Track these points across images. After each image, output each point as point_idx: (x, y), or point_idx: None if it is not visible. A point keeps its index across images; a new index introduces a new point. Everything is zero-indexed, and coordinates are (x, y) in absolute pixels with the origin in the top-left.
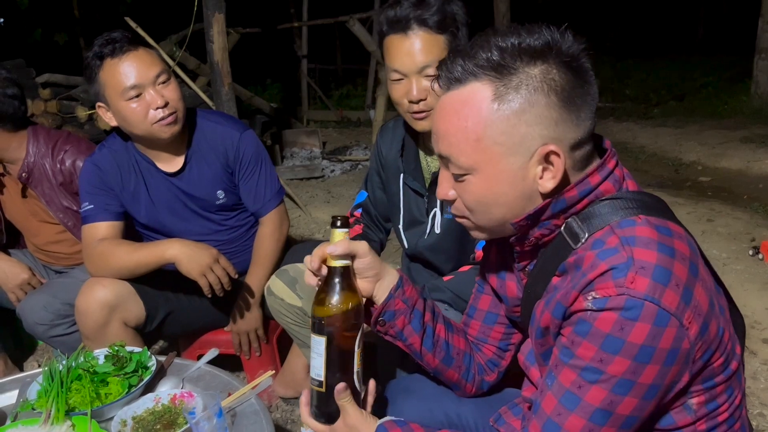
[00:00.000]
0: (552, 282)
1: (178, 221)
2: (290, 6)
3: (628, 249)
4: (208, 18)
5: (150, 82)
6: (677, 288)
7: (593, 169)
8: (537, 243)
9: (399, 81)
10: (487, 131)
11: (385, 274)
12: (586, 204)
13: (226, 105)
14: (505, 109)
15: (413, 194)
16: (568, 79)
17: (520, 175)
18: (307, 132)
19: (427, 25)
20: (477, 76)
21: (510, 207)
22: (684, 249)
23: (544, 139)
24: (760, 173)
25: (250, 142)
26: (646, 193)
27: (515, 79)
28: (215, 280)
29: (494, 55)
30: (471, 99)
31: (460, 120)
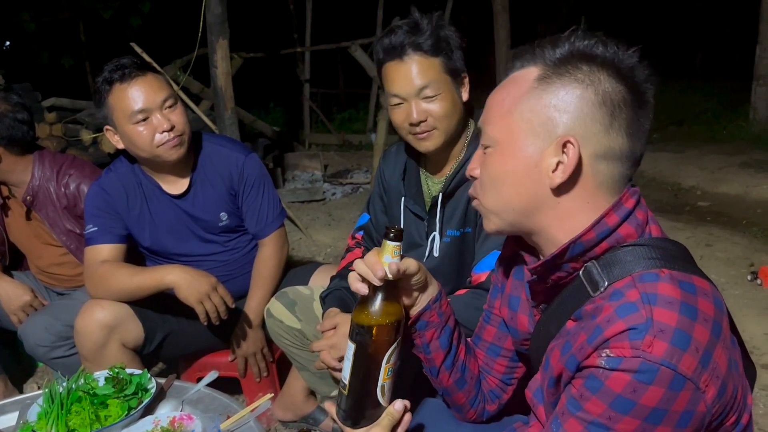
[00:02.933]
0: (567, 326)
1: (181, 243)
2: (293, 31)
3: (648, 308)
4: (212, 44)
5: (157, 107)
6: (696, 352)
7: (609, 209)
8: (555, 284)
9: (399, 105)
10: (519, 105)
11: (429, 285)
12: (606, 248)
13: (229, 129)
14: (542, 89)
15: (414, 217)
16: (616, 87)
17: (534, 159)
18: (308, 155)
19: (422, 49)
20: (536, 63)
21: (517, 190)
22: (708, 308)
23: (567, 129)
24: (758, 198)
25: (254, 165)
26: (670, 241)
27: (563, 69)
28: (212, 308)
29: (559, 51)
30: (520, 77)
31: (502, 93)
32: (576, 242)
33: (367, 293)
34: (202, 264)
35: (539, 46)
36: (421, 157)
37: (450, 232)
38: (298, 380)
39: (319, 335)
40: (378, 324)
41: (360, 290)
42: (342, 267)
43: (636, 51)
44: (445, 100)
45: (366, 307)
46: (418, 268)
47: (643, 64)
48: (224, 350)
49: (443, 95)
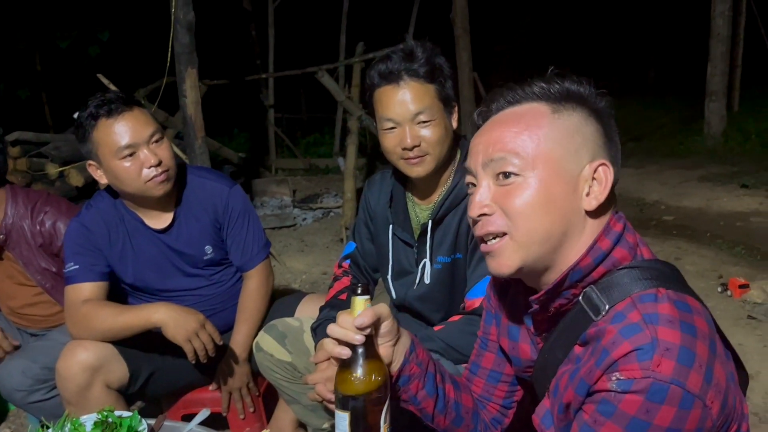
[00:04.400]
0: (575, 351)
1: (165, 278)
2: (255, 58)
3: (652, 328)
4: (181, 73)
5: (144, 142)
6: (700, 369)
7: (600, 234)
8: (556, 312)
9: (392, 130)
10: (549, 134)
11: (401, 335)
12: (603, 273)
13: (200, 158)
14: (563, 120)
15: (402, 245)
16: (603, 123)
17: (573, 184)
18: (276, 181)
19: (418, 75)
20: (533, 99)
21: (555, 217)
22: (703, 326)
23: (595, 155)
24: (719, 211)
25: (238, 197)
26: (661, 262)
27: (569, 104)
28: (200, 346)
29: (555, 86)
30: (530, 111)
31: (519, 125)
32: (575, 269)
33: (349, 355)
34: (187, 299)
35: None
36: (408, 184)
37: (440, 259)
38: (286, 413)
39: (310, 367)
40: (369, 387)
41: (342, 354)
42: (331, 296)
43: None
44: (438, 127)
45: (351, 372)
46: (390, 313)
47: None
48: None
49: (437, 121)
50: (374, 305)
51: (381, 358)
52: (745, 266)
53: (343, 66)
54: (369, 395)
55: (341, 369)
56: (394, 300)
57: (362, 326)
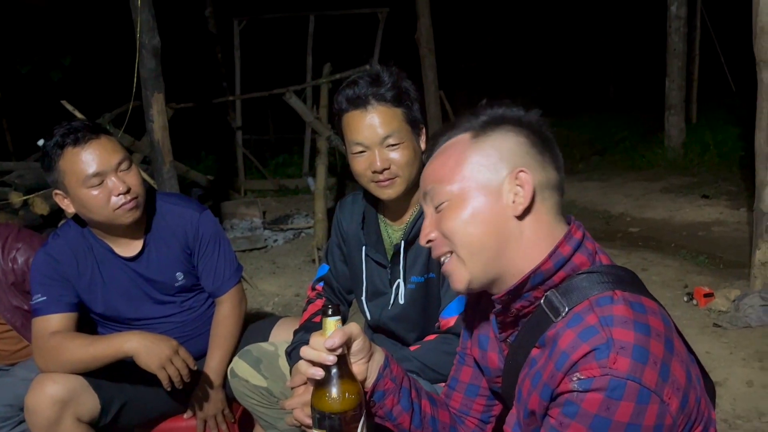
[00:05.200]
0: (532, 354)
1: (135, 307)
2: (222, 80)
3: (608, 330)
4: (147, 98)
5: (112, 169)
6: (655, 366)
7: (561, 240)
8: (518, 314)
9: (361, 154)
10: (466, 158)
11: (374, 353)
12: (563, 277)
13: (168, 182)
14: (481, 140)
15: (376, 266)
16: (533, 135)
17: (494, 196)
18: (246, 203)
19: (385, 99)
20: (460, 131)
21: (486, 229)
22: (658, 325)
23: (514, 164)
24: (682, 222)
25: (208, 222)
26: (618, 267)
27: (492, 127)
28: (175, 372)
29: (480, 119)
30: (454, 143)
31: (443, 158)
32: (536, 272)
33: (323, 376)
34: (158, 327)
35: (459, 121)
36: (380, 205)
37: (414, 279)
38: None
39: (287, 392)
40: (344, 405)
41: (315, 375)
42: (305, 319)
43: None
44: (407, 149)
45: (326, 391)
46: (361, 331)
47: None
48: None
49: (405, 144)
50: (346, 325)
51: (354, 376)
52: (708, 275)
53: (311, 87)
54: (344, 413)
55: (316, 389)
56: (369, 321)
57: (333, 347)
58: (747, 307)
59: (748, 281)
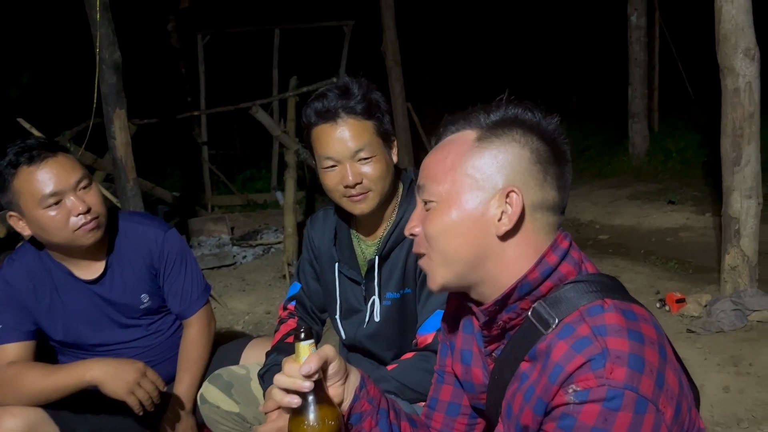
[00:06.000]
0: (521, 368)
1: (98, 332)
2: (187, 95)
3: (602, 339)
4: (109, 114)
5: (71, 189)
6: (651, 374)
7: (548, 249)
8: (505, 326)
9: (332, 168)
10: (462, 162)
11: (350, 373)
12: (550, 287)
13: (132, 200)
14: (483, 147)
15: (350, 283)
16: (544, 147)
17: (480, 210)
18: (213, 219)
19: (355, 112)
20: (472, 127)
21: (465, 241)
22: (651, 332)
23: (509, 181)
24: (650, 228)
25: (174, 241)
26: (604, 275)
27: (499, 131)
28: (145, 396)
29: (491, 117)
30: (458, 139)
31: (443, 152)
32: (523, 282)
33: (300, 403)
34: (124, 352)
35: (473, 112)
36: (352, 220)
37: (390, 295)
38: None
39: (260, 417)
40: (325, 429)
41: (291, 403)
42: (277, 340)
43: (556, 117)
44: (380, 162)
45: (303, 419)
46: (337, 354)
47: (561, 128)
48: None
49: (377, 157)
50: (320, 347)
51: (332, 400)
52: (679, 281)
53: (277, 100)
54: None
55: (293, 417)
56: (344, 340)
57: (309, 373)
58: (719, 311)
59: (718, 286)
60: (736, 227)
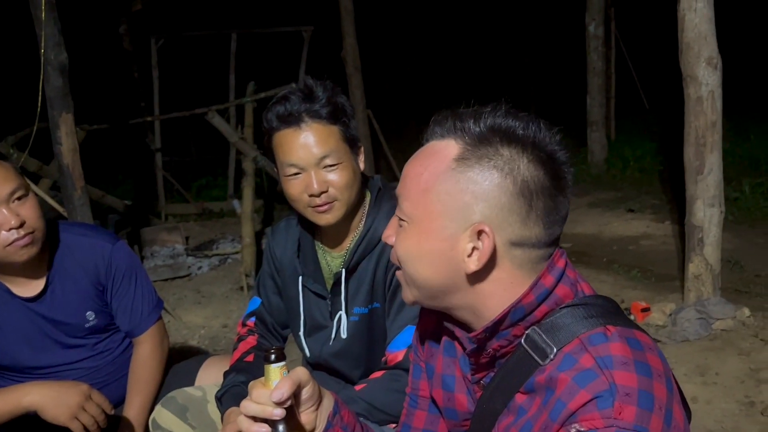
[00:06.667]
0: (516, 400)
1: (38, 353)
2: (139, 100)
3: (608, 373)
4: (54, 118)
5: (3, 201)
6: (660, 411)
7: (544, 270)
8: (495, 354)
9: (296, 176)
10: (436, 186)
11: (323, 397)
12: (545, 312)
13: (80, 210)
14: (460, 171)
15: (314, 297)
16: (535, 174)
17: (449, 243)
18: (167, 228)
19: (320, 116)
20: (455, 136)
21: (434, 270)
22: (657, 364)
23: (483, 216)
24: (611, 236)
25: (123, 255)
26: (602, 297)
27: (483, 149)
28: (90, 420)
29: (480, 126)
30: (439, 151)
31: (421, 166)
32: (516, 306)
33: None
34: (68, 374)
35: (459, 117)
36: (316, 231)
37: (357, 310)
38: None
39: None
40: None
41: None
42: (236, 359)
43: (556, 133)
44: (346, 170)
45: None
46: (310, 377)
47: (563, 148)
48: None
49: (344, 164)
50: (292, 371)
51: (304, 428)
52: (643, 289)
53: (234, 106)
54: None
55: None
56: (308, 358)
57: (281, 400)
58: (684, 320)
59: (680, 294)
60: (699, 236)
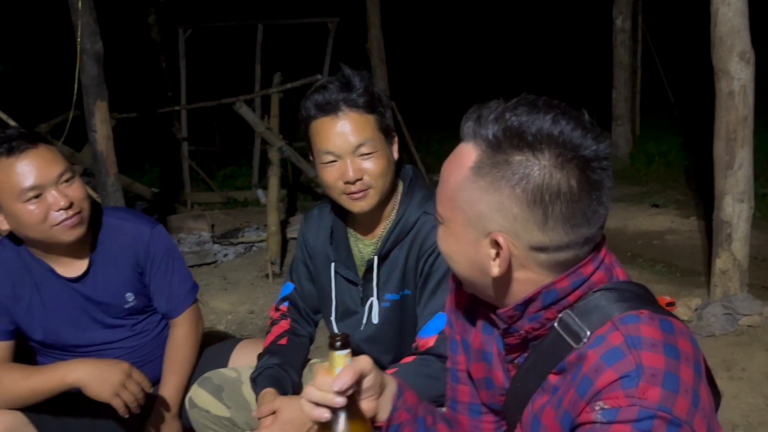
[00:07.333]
0: (550, 380)
1: (80, 332)
2: (167, 90)
3: (636, 353)
4: (89, 106)
5: (52, 182)
6: (686, 394)
7: (587, 260)
8: (526, 336)
9: (332, 163)
10: (457, 194)
11: (386, 386)
12: (579, 296)
13: (113, 196)
14: (475, 180)
15: (346, 283)
16: (550, 180)
17: (474, 247)
18: (193, 216)
19: (357, 105)
20: (475, 139)
21: (465, 269)
22: (687, 347)
23: (499, 226)
24: (636, 230)
25: (161, 239)
26: (634, 283)
27: (497, 158)
28: (130, 397)
29: (493, 130)
30: (462, 156)
31: (447, 172)
32: (549, 289)
33: (329, 418)
34: (107, 353)
35: (478, 120)
36: (349, 218)
37: (389, 296)
38: None
39: (252, 422)
40: None
41: (320, 417)
42: (269, 342)
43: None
44: (381, 158)
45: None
46: (373, 366)
47: (593, 139)
48: None
49: (379, 153)
50: (356, 359)
51: (364, 415)
52: (668, 284)
53: (260, 97)
54: None
55: (321, 430)
56: None
57: (343, 389)
58: (710, 315)
59: (705, 289)
60: (727, 231)
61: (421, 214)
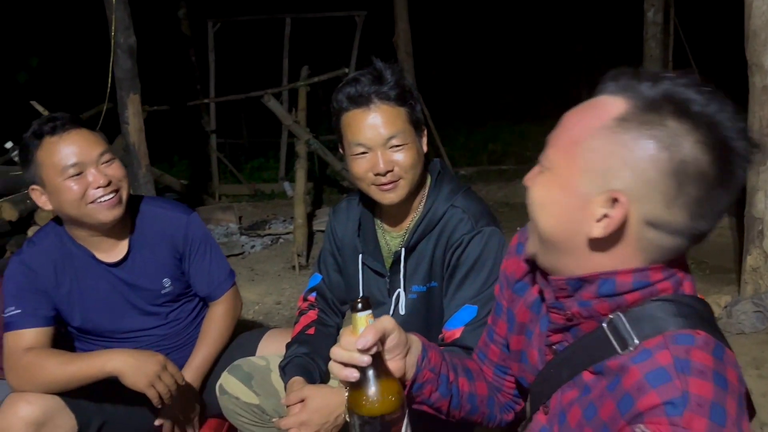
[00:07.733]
0: (583, 377)
1: (117, 318)
2: (196, 82)
3: (683, 379)
4: (123, 99)
5: (93, 162)
6: (733, 427)
7: (659, 267)
8: (571, 320)
9: (363, 155)
10: (586, 141)
11: (411, 345)
12: (636, 299)
13: (144, 187)
14: (616, 132)
15: (373, 275)
16: (698, 158)
17: (580, 201)
18: (221, 208)
19: (389, 98)
20: (626, 95)
21: (555, 222)
22: (734, 379)
23: (624, 185)
24: None
25: (197, 225)
26: (698, 299)
27: (650, 117)
28: (164, 389)
29: (654, 90)
30: (602, 106)
31: (577, 117)
32: (609, 278)
33: (358, 377)
34: (141, 340)
35: (638, 77)
36: (377, 210)
37: (415, 288)
38: None
39: (281, 410)
40: (384, 407)
41: (349, 377)
42: (297, 332)
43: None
44: (411, 151)
45: (363, 394)
46: (395, 326)
47: (744, 138)
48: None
49: (409, 146)
50: (378, 320)
51: (392, 374)
52: (697, 281)
53: (287, 90)
54: (385, 416)
55: (352, 391)
56: None
57: (366, 347)
58: (740, 313)
59: (735, 287)
60: (759, 228)
61: (448, 206)
